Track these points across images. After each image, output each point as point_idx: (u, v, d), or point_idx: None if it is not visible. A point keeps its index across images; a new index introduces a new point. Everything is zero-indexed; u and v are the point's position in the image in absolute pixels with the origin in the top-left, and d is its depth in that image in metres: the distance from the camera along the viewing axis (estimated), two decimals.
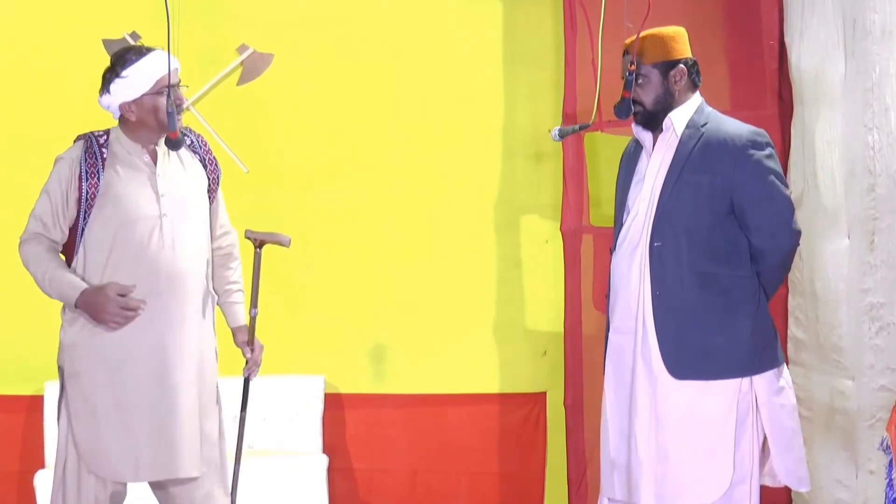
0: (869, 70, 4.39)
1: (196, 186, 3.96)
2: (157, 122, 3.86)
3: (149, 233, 3.80)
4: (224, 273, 4.11)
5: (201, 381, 3.88)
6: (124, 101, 3.86)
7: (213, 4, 5.67)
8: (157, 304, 3.80)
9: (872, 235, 4.40)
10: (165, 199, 3.84)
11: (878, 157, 4.37)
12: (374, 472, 5.72)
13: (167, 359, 3.80)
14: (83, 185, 3.83)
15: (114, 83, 3.86)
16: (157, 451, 3.79)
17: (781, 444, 3.85)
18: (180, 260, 3.83)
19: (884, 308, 4.35)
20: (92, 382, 3.81)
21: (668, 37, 3.89)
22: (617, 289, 3.95)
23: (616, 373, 3.97)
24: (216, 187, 4.05)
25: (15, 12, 5.63)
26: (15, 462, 5.57)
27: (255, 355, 4.15)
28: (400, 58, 5.74)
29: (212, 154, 4.07)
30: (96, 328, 3.79)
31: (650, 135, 3.94)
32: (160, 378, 3.79)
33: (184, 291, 3.83)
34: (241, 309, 4.14)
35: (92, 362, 3.81)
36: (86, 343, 3.82)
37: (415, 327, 5.69)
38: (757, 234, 3.81)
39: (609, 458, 3.97)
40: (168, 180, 3.88)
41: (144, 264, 3.79)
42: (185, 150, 3.99)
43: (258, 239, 4.13)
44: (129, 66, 3.85)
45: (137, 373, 3.79)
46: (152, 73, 3.84)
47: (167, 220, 3.82)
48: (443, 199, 5.72)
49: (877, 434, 4.30)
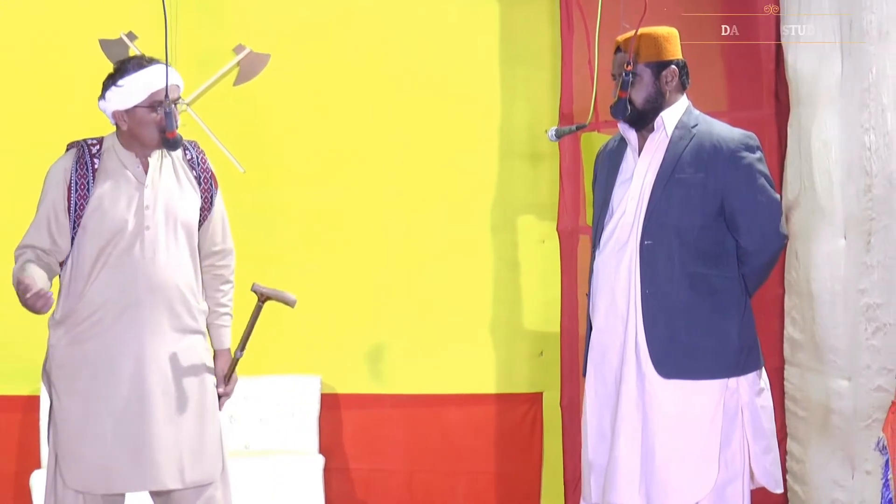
0: (865, 71, 4.39)
1: (187, 202, 3.92)
2: (146, 136, 3.84)
3: (131, 244, 3.79)
4: (213, 294, 4.05)
5: (181, 393, 3.83)
6: (117, 110, 3.85)
7: (209, 5, 5.67)
8: (136, 315, 3.78)
9: (869, 236, 4.41)
10: (150, 212, 3.82)
11: (875, 158, 4.37)
12: (371, 472, 5.72)
13: (143, 369, 3.76)
14: (72, 196, 3.82)
15: (110, 90, 3.85)
16: (130, 462, 3.75)
17: (760, 445, 3.88)
18: (161, 271, 3.80)
19: (880, 309, 4.35)
20: (69, 390, 3.80)
21: (661, 37, 3.91)
22: (601, 287, 3.96)
23: (597, 372, 3.98)
24: (209, 206, 4.00)
25: (13, 14, 5.63)
26: (11, 462, 5.56)
27: (227, 389, 4.07)
28: (396, 58, 5.74)
29: (210, 172, 4.02)
30: (76, 336, 3.79)
31: (635, 133, 3.95)
32: (135, 388, 3.76)
33: (164, 303, 3.80)
34: (226, 333, 4.08)
35: (70, 370, 3.80)
36: (65, 351, 3.82)
37: (411, 327, 5.69)
38: (746, 236, 3.83)
39: (587, 459, 3.98)
40: (156, 192, 3.85)
41: (124, 274, 3.78)
42: (183, 165, 3.97)
43: (264, 294, 4.08)
44: (126, 76, 3.83)
45: (114, 382, 3.76)
46: (147, 86, 3.82)
47: (149, 232, 3.80)
48: (439, 200, 5.71)
49: (873, 434, 4.30)
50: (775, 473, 3.92)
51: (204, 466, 3.87)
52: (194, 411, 3.87)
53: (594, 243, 4.02)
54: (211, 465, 3.89)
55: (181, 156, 3.98)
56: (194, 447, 3.85)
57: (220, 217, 4.06)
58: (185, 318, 3.87)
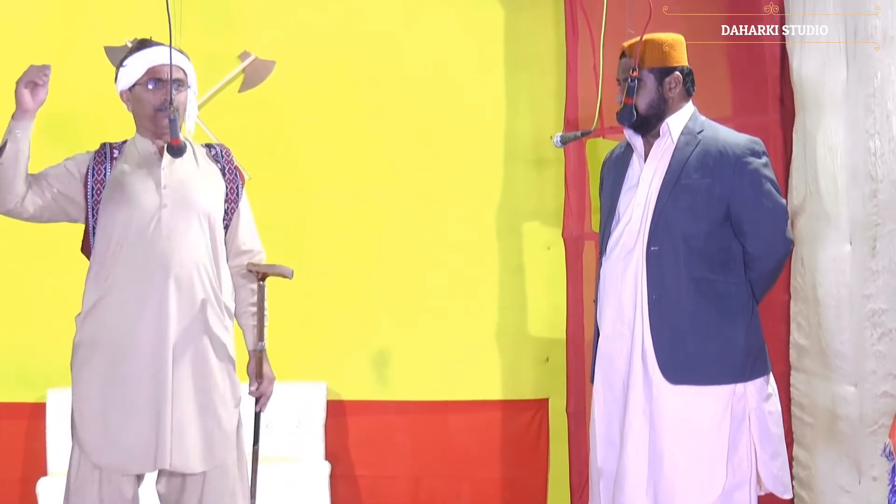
0: (871, 76, 4.38)
1: (205, 186, 3.93)
2: (144, 115, 3.88)
3: (147, 222, 3.79)
4: (245, 295, 4.06)
5: (201, 377, 3.82)
6: (123, 90, 3.92)
7: (215, 12, 5.69)
8: (151, 293, 3.77)
9: (874, 241, 4.40)
10: (167, 191, 3.84)
11: (880, 163, 4.36)
12: (377, 478, 5.72)
13: (161, 349, 3.76)
14: (89, 180, 3.85)
15: (119, 72, 3.92)
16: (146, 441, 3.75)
17: (768, 451, 3.87)
18: (176, 251, 3.79)
19: (886, 314, 4.35)
20: (91, 374, 3.79)
21: (666, 43, 3.91)
22: (608, 294, 3.96)
23: (605, 379, 3.98)
24: (235, 198, 4.01)
25: (18, 21, 5.65)
26: (17, 469, 5.57)
27: (261, 387, 4.07)
28: (402, 64, 5.76)
29: (234, 164, 4.05)
30: (99, 319, 3.79)
31: (641, 140, 3.95)
32: (154, 368, 3.76)
33: (177, 282, 3.79)
34: None
35: (92, 355, 3.80)
36: (88, 338, 3.82)
37: (417, 333, 5.69)
38: (752, 241, 3.83)
39: (596, 466, 3.98)
40: (173, 173, 3.87)
41: (142, 252, 3.78)
42: (206, 156, 4.00)
43: (259, 272, 4.06)
44: (130, 56, 3.91)
45: (133, 362, 3.76)
46: (144, 62, 3.86)
47: (166, 210, 3.81)
48: (445, 206, 5.72)
49: (879, 440, 4.29)
50: (784, 479, 3.91)
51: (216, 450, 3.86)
52: (209, 395, 3.85)
53: (601, 250, 4.03)
54: (224, 450, 3.88)
55: (205, 152, 4.02)
56: (208, 431, 3.84)
57: (247, 216, 4.08)
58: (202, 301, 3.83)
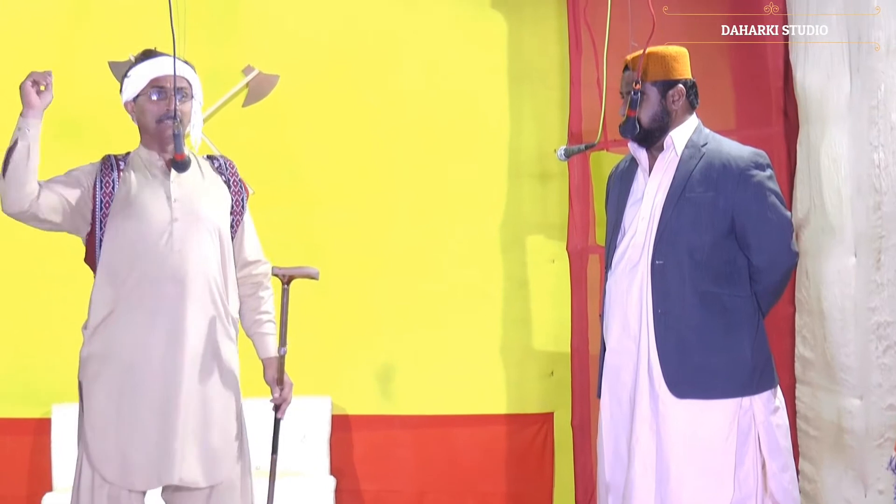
0: (874, 88, 4.38)
1: (213, 199, 3.93)
2: (148, 125, 3.87)
3: (158, 236, 3.78)
4: (253, 303, 4.03)
5: (209, 390, 3.81)
6: (127, 101, 3.91)
7: (218, 26, 5.69)
8: (163, 307, 3.76)
9: (879, 254, 4.39)
10: (178, 204, 3.83)
11: (884, 175, 4.36)
12: (382, 493, 5.71)
13: (174, 363, 3.74)
14: (97, 192, 3.84)
15: (123, 83, 3.92)
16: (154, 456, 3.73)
17: (778, 464, 3.86)
18: (189, 265, 3.78)
19: (891, 327, 4.34)
20: (102, 388, 3.77)
21: (669, 56, 3.91)
22: (614, 308, 3.95)
23: (612, 393, 3.97)
24: (240, 210, 4.01)
25: (24, 32, 5.66)
26: (23, 485, 5.57)
27: (283, 394, 4.07)
28: (405, 78, 5.76)
29: (239, 177, 4.05)
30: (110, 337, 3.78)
31: (646, 153, 3.95)
32: (166, 382, 3.74)
33: (190, 296, 3.77)
34: (271, 340, 4.05)
35: (104, 369, 3.77)
36: (99, 352, 3.80)
37: (421, 348, 5.69)
38: (757, 254, 3.82)
39: (604, 481, 3.97)
40: (181, 186, 3.87)
41: (154, 266, 3.77)
42: (210, 168, 4.00)
43: (286, 275, 4.03)
44: (134, 67, 3.91)
45: (145, 376, 3.75)
46: (148, 73, 3.86)
47: (178, 224, 3.81)
48: (449, 219, 5.72)
49: (885, 453, 4.29)
50: (793, 492, 3.89)
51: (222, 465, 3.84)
52: (216, 408, 3.84)
53: (606, 264, 4.02)
54: (229, 466, 3.86)
55: (209, 164, 4.02)
56: (214, 446, 3.82)
57: (251, 228, 4.08)
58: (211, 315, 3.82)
